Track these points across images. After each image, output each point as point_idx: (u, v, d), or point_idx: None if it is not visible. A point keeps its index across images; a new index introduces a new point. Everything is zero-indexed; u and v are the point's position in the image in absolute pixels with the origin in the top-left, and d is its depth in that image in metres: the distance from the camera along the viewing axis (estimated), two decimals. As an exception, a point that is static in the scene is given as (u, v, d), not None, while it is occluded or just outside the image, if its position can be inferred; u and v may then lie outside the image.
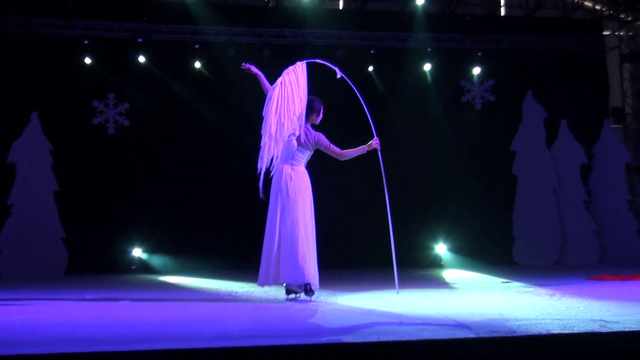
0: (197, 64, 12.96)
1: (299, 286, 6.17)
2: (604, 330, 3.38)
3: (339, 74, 6.71)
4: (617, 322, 3.69)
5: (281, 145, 6.30)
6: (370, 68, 13.68)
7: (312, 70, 6.69)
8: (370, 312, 4.79)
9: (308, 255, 6.12)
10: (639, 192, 15.09)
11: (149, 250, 12.32)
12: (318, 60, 6.82)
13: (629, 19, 16.32)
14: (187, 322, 4.65)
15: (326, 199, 8.69)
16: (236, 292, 7.34)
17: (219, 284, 8.62)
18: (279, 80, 6.43)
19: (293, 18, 13.45)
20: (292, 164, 6.36)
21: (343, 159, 6.59)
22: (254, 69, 6.61)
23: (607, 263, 13.52)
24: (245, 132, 12.56)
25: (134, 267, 12.21)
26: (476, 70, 14.30)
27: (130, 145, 12.67)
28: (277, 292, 6.83)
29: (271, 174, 6.34)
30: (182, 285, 8.62)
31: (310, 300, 6.00)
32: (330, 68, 6.74)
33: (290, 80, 6.42)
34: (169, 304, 6.11)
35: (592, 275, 8.74)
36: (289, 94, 6.35)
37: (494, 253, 13.59)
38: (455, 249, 13.67)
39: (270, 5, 14.40)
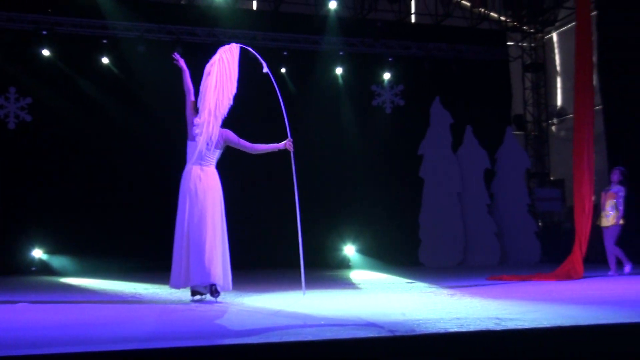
0: (105, 60, 12.60)
1: (205, 287, 6.09)
2: (499, 328, 3.52)
3: (265, 69, 6.67)
4: (511, 320, 3.85)
5: (219, 122, 6.21)
6: (283, 70, 13.71)
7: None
8: (275, 313, 4.80)
9: (215, 256, 6.04)
10: (538, 196, 15.81)
11: (49, 251, 11.87)
12: (250, 49, 6.75)
13: (532, 30, 17.09)
14: (88, 324, 4.51)
15: (236, 200, 8.61)
16: (140, 294, 7.18)
17: (123, 285, 8.41)
18: (216, 57, 6.34)
19: (206, 17, 13.30)
20: (201, 164, 6.25)
21: (254, 153, 6.56)
22: (182, 63, 6.49)
23: (507, 264, 14.07)
24: (153, 130, 12.37)
25: (34, 269, 11.74)
26: (386, 75, 14.59)
27: (31, 142, 12.19)
28: (182, 293, 6.73)
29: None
30: (84, 287, 8.35)
31: (216, 302, 5.95)
32: (254, 64, 6.69)
33: (228, 59, 6.35)
34: (70, 307, 5.91)
35: (491, 276, 9.06)
36: (226, 71, 6.29)
37: (400, 254, 13.90)
38: (363, 250, 13.88)
39: (183, 2, 14.19)
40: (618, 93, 13.48)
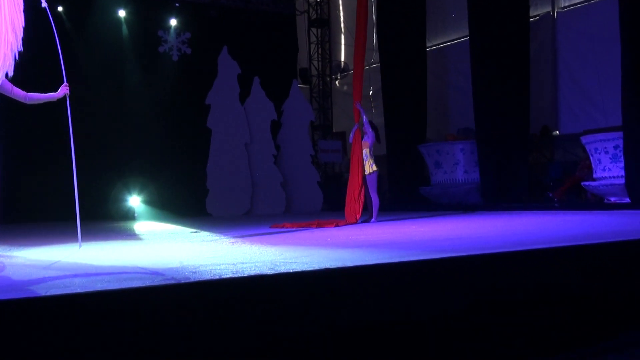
0: None
1: None
2: (271, 272, 3.63)
3: (43, 3, 6.07)
4: (284, 264, 3.99)
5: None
6: (60, 8, 12.78)
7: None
8: (45, 267, 4.54)
9: None
10: (321, 147, 16.51)
11: None
12: None
13: (317, -14, 17.53)
14: None
15: (6, 149, 7.98)
16: None
17: None
18: None
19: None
20: None
21: (29, 103, 6.07)
22: None
23: (292, 212, 14.60)
24: None
25: None
26: (173, 22, 14.20)
27: None
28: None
29: None
30: None
31: (-20, 257, 5.49)
32: None
33: None
34: None
35: (275, 224, 9.32)
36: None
37: (188, 205, 13.85)
38: (149, 202, 13.61)
39: None
40: (393, 52, 14.36)
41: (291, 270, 3.68)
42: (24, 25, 5.77)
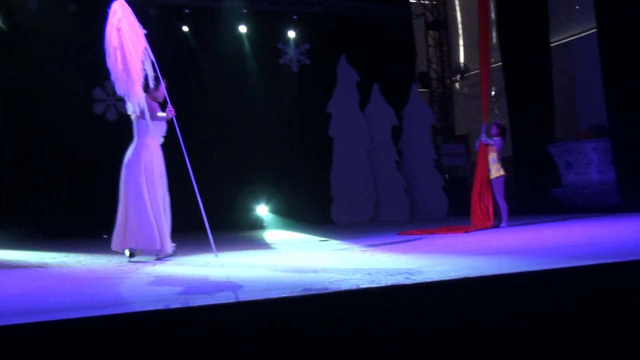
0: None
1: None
2: (408, 282, 3.59)
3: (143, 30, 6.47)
4: (420, 273, 3.94)
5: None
6: (185, 28, 13.37)
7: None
8: (188, 277, 4.73)
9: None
10: (444, 151, 16.24)
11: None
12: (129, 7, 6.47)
13: (433, -12, 17.31)
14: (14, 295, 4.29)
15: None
16: (47, 263, 6.91)
17: (26, 254, 8.05)
18: (118, 11, 6.07)
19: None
20: (146, 137, 6.45)
21: (159, 120, 6.58)
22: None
23: (416, 218, 14.44)
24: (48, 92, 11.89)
25: None
26: (291, 34, 14.49)
27: None
28: (91, 261, 6.53)
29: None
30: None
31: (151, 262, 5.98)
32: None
33: (125, 12, 6.16)
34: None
35: (402, 231, 9.24)
36: (132, 26, 6.16)
37: (313, 213, 14.00)
38: (276, 210, 13.90)
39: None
40: (515, 50, 13.91)
41: (428, 280, 3.63)
42: (146, 47, 6.18)
